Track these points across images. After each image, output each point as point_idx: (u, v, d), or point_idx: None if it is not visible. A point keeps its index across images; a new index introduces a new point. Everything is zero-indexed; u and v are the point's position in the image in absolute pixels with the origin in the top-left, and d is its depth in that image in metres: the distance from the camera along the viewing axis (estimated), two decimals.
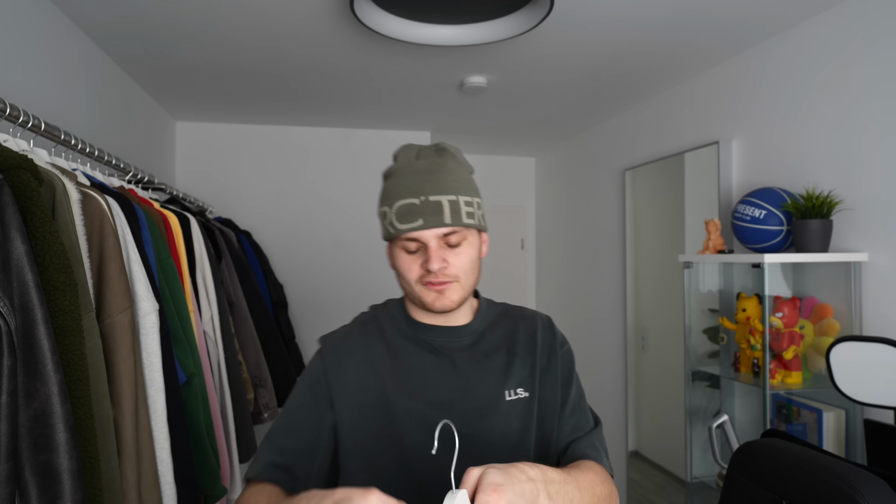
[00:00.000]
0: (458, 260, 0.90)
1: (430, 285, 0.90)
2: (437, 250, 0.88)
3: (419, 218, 0.87)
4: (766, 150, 2.19)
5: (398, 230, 0.89)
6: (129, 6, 1.84)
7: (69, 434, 0.86)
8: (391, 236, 0.91)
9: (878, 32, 1.74)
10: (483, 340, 0.98)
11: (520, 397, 0.95)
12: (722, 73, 2.42)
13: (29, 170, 0.94)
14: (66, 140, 1.38)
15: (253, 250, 2.95)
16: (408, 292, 0.94)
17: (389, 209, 0.90)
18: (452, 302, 0.91)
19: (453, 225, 0.88)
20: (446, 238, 0.89)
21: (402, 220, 0.88)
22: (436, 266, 0.87)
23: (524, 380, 0.97)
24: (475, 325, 0.99)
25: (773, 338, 1.87)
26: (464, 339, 0.97)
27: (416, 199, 0.88)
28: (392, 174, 0.92)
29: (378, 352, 0.96)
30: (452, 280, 0.91)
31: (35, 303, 0.85)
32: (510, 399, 0.95)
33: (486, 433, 0.92)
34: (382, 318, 1.00)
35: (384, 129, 3.73)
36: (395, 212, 0.89)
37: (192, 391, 1.47)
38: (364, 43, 2.18)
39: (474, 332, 0.98)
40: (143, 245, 1.32)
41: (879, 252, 1.74)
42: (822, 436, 1.78)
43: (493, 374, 0.95)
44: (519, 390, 0.96)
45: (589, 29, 2.04)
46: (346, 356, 0.95)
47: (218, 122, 3.47)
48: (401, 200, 0.88)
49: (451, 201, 0.88)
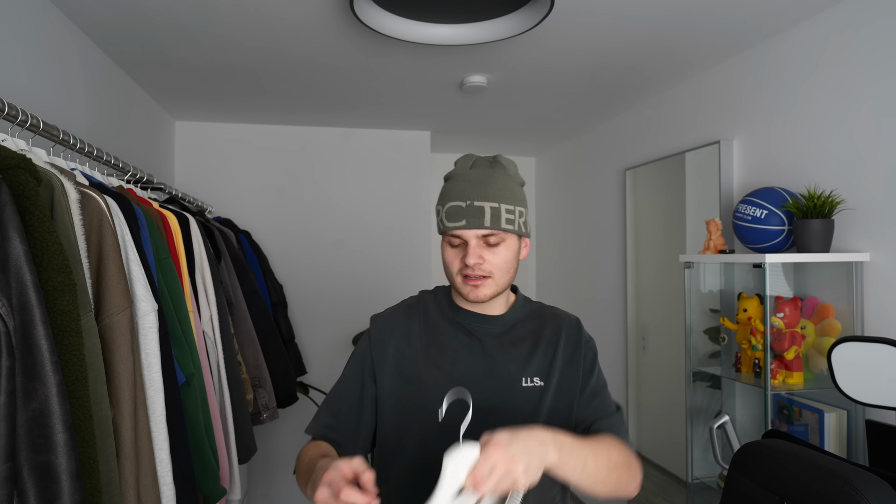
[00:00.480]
0: (495, 258, 1.04)
1: (466, 279, 1.04)
2: (475, 248, 1.02)
3: (463, 219, 1.02)
4: (767, 150, 2.18)
5: (446, 227, 1.04)
6: (129, 6, 1.84)
7: (68, 435, 0.86)
8: (441, 231, 1.07)
9: (879, 32, 1.73)
10: (513, 331, 1.11)
11: (535, 385, 1.07)
12: (723, 73, 2.42)
13: (27, 169, 0.93)
14: (65, 139, 1.38)
15: (252, 250, 2.94)
16: (450, 280, 1.08)
17: (442, 208, 1.05)
18: (485, 296, 1.04)
19: (492, 228, 1.02)
20: (486, 238, 1.03)
21: (450, 219, 1.03)
22: (472, 261, 1.01)
23: (542, 370, 1.08)
24: (508, 316, 1.12)
25: (774, 338, 1.87)
26: (496, 327, 1.11)
27: (463, 203, 1.02)
28: (449, 178, 1.07)
29: (417, 330, 1.11)
30: (487, 276, 1.03)
31: (33, 303, 0.85)
32: (526, 385, 1.07)
33: (500, 411, 1.04)
34: (428, 300, 1.16)
35: (384, 129, 3.72)
36: (445, 211, 1.04)
37: (191, 392, 1.46)
38: (364, 42, 2.17)
39: (506, 322, 1.12)
40: (142, 245, 1.32)
41: (881, 252, 1.74)
42: (823, 436, 1.77)
43: (515, 362, 1.08)
44: (535, 379, 1.07)
45: (589, 28, 2.04)
46: (389, 333, 1.11)
47: (217, 122, 3.46)
48: (451, 202, 1.03)
49: (492, 208, 1.02)
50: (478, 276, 1.03)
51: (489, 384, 1.06)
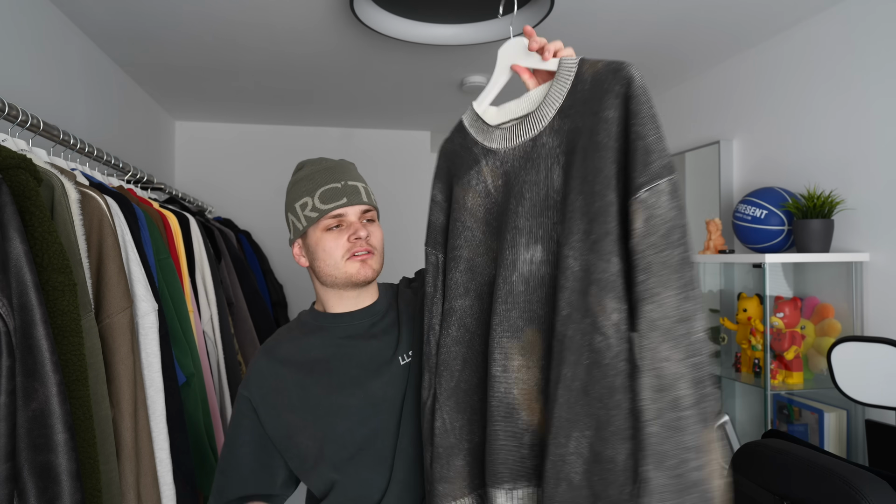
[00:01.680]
0: (376, 233, 1.06)
1: (354, 257, 1.02)
2: (360, 223, 1.03)
3: (343, 197, 1.02)
4: (766, 150, 2.18)
5: (322, 211, 1.01)
6: (128, 5, 1.84)
7: (68, 434, 0.86)
8: (313, 221, 1.02)
9: (879, 31, 1.73)
10: (386, 316, 1.11)
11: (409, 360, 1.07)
12: (723, 73, 2.42)
13: (28, 169, 0.93)
14: (65, 140, 1.38)
15: (252, 250, 2.95)
16: (329, 275, 1.04)
17: (311, 197, 1.02)
18: (374, 271, 1.04)
19: (368, 204, 1.05)
20: (365, 215, 1.05)
21: (325, 202, 1.01)
22: (364, 234, 1.02)
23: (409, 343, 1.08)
24: (380, 303, 1.12)
25: (774, 338, 1.87)
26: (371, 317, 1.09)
27: (338, 184, 1.03)
28: (303, 177, 1.05)
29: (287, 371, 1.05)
30: (373, 250, 1.04)
31: (34, 303, 0.85)
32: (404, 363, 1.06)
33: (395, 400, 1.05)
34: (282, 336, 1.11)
35: (384, 129, 3.72)
36: (319, 196, 1.02)
37: (191, 392, 1.46)
38: (364, 43, 2.17)
39: (378, 311, 1.10)
40: (142, 245, 1.32)
41: (881, 252, 1.74)
42: (823, 436, 1.77)
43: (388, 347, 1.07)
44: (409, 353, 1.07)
45: (589, 28, 2.04)
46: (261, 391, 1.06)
47: (217, 122, 3.46)
48: (324, 186, 1.02)
49: (363, 187, 1.06)
50: (365, 251, 1.02)
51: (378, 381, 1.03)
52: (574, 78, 0.86)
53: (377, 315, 1.10)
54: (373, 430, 1.01)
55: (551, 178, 0.85)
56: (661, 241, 0.73)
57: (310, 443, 1.01)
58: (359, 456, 1.00)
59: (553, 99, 0.88)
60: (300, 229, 1.05)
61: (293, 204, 1.05)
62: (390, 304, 1.13)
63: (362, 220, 1.05)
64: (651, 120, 0.76)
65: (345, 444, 1.00)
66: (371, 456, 1.01)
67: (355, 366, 1.04)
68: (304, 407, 1.02)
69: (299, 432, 1.02)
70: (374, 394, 1.02)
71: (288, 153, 3.57)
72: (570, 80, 0.86)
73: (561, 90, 0.87)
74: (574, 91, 0.85)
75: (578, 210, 0.80)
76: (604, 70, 0.83)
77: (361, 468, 1.00)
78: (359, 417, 1.01)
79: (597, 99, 0.82)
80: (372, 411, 1.02)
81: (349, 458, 1.00)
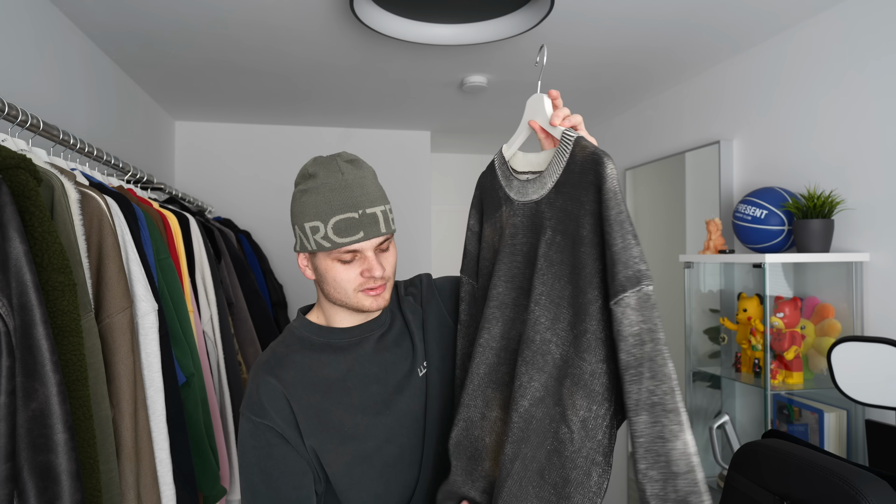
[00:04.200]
0: (389, 262, 0.99)
1: (368, 291, 0.96)
2: (375, 258, 0.95)
3: (360, 231, 0.92)
4: (767, 150, 2.18)
5: (337, 244, 0.92)
6: (129, 5, 1.84)
7: (68, 434, 0.86)
8: (325, 249, 0.93)
9: (879, 31, 1.73)
10: (392, 328, 1.07)
11: (425, 370, 1.06)
12: (723, 73, 2.42)
13: (27, 169, 0.93)
14: (65, 139, 1.38)
15: (252, 250, 2.94)
16: (339, 300, 0.98)
17: (323, 224, 0.92)
18: (387, 301, 1.00)
19: (387, 233, 0.95)
20: (380, 245, 0.96)
21: (340, 234, 0.92)
22: (379, 273, 0.94)
23: (421, 352, 1.06)
24: (383, 313, 1.07)
25: (774, 338, 1.87)
26: (379, 329, 1.06)
27: (355, 213, 0.92)
28: (315, 189, 0.93)
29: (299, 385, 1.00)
30: (387, 282, 0.99)
31: (34, 303, 0.85)
32: (422, 374, 1.05)
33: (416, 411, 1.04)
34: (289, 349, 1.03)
35: (384, 129, 3.72)
36: (332, 226, 0.92)
37: (191, 392, 1.46)
38: (364, 42, 2.17)
39: (383, 321, 1.07)
40: (142, 245, 1.32)
41: (881, 252, 1.74)
42: (823, 436, 1.77)
43: (405, 358, 1.05)
44: (424, 364, 1.06)
45: (589, 28, 2.04)
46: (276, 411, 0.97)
47: (217, 122, 3.46)
48: (339, 216, 0.92)
49: (381, 212, 0.95)
50: (381, 285, 0.96)
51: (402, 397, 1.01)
52: (569, 156, 0.87)
53: (384, 326, 1.06)
54: (400, 446, 0.99)
55: (539, 246, 0.88)
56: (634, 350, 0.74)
57: (337, 465, 0.96)
58: (386, 472, 0.98)
59: (553, 170, 0.90)
60: (308, 249, 0.96)
61: (303, 221, 0.94)
62: (393, 313, 1.09)
63: (378, 250, 0.96)
64: (619, 226, 0.77)
65: (373, 463, 0.97)
66: (398, 472, 0.99)
67: (374, 382, 1.00)
68: (328, 430, 0.96)
69: (326, 455, 0.95)
70: (399, 410, 1.00)
71: (288, 153, 3.57)
72: (566, 156, 0.88)
73: (559, 163, 0.89)
74: (569, 169, 0.87)
75: (567, 299, 0.83)
76: (589, 159, 0.83)
77: (391, 483, 0.98)
78: (387, 435, 0.98)
79: (583, 187, 0.83)
80: (399, 428, 1.00)
81: (378, 476, 0.98)
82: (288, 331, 1.05)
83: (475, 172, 4.70)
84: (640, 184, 3.01)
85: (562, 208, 0.86)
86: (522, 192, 0.94)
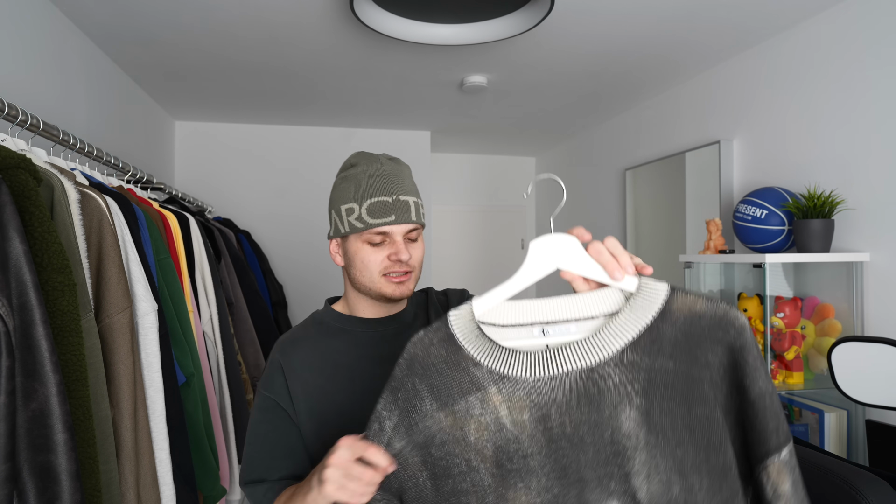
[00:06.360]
0: (417, 253, 1.02)
1: (390, 276, 0.99)
2: (402, 243, 0.99)
3: (392, 214, 0.97)
4: (767, 150, 2.18)
5: (369, 224, 0.98)
6: (129, 5, 1.84)
7: (68, 435, 0.86)
8: (357, 230, 0.99)
9: (880, 31, 1.73)
10: (413, 325, 1.08)
11: None
12: (723, 73, 2.41)
13: (27, 169, 0.93)
14: (65, 139, 1.38)
15: (252, 250, 2.94)
16: (363, 285, 1.01)
17: (358, 206, 0.98)
18: (410, 290, 1.01)
19: (417, 222, 1.00)
20: (409, 234, 1.00)
21: (373, 216, 0.97)
22: (405, 256, 0.98)
23: None
24: (407, 312, 1.09)
25: (774, 338, 1.87)
26: (398, 325, 1.07)
27: (389, 198, 0.98)
28: (355, 176, 1.01)
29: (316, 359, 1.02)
30: (411, 270, 1.01)
31: (34, 303, 0.85)
32: None
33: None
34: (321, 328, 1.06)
35: (384, 129, 3.72)
36: (366, 207, 0.98)
37: (191, 392, 1.46)
38: (364, 42, 2.17)
39: (405, 319, 1.08)
40: (141, 245, 1.32)
41: (881, 252, 1.74)
42: (823, 436, 1.77)
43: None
44: None
45: (589, 28, 2.04)
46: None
47: (217, 122, 3.46)
48: (374, 198, 0.98)
49: (414, 202, 1.01)
50: (403, 273, 0.99)
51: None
52: (661, 310, 0.71)
53: (405, 322, 1.07)
54: None
55: (618, 420, 0.70)
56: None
57: (329, 447, 0.98)
58: None
59: (624, 326, 0.71)
60: (342, 232, 1.01)
61: (339, 204, 1.01)
62: (417, 314, 1.10)
63: (406, 238, 1.00)
64: (768, 374, 0.70)
65: None
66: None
67: (380, 376, 1.00)
68: (326, 412, 0.98)
69: (321, 435, 0.98)
70: None
71: (288, 153, 3.57)
72: (655, 311, 0.71)
73: (638, 319, 0.71)
74: (659, 325, 0.71)
75: (693, 465, 0.69)
76: (706, 310, 0.71)
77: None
78: None
79: (694, 342, 0.70)
80: None
81: None
82: (311, 315, 1.10)
83: (475, 172, 4.70)
84: (640, 184, 3.01)
85: (651, 367, 0.71)
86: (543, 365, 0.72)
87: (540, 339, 0.75)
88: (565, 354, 0.71)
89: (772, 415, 0.68)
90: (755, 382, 0.68)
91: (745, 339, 0.69)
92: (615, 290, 0.74)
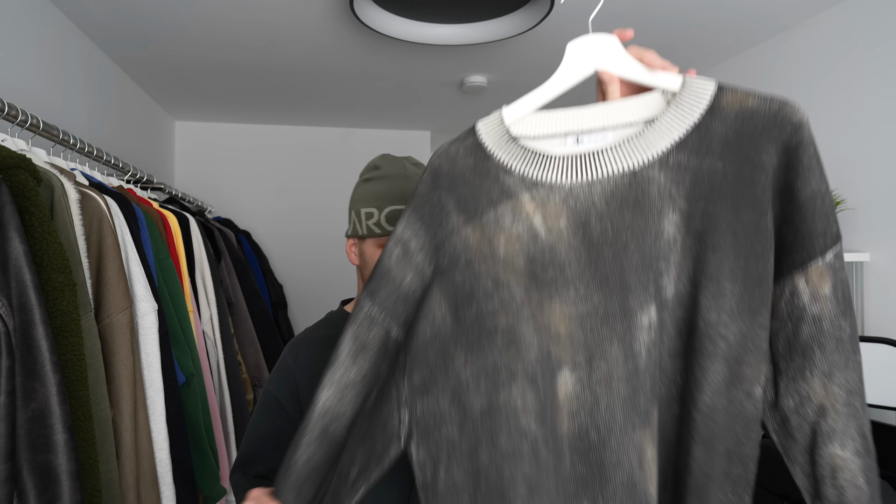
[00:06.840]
0: None
1: None
2: None
3: None
4: None
5: (387, 231, 0.99)
6: (129, 5, 1.84)
7: (68, 435, 0.86)
8: (374, 235, 1.00)
9: (880, 32, 1.73)
10: None
11: None
12: (722, 73, 2.41)
13: (27, 169, 0.93)
14: (65, 139, 1.38)
15: (252, 250, 2.95)
16: None
17: (378, 211, 1.00)
18: None
19: None
20: None
21: (392, 223, 0.98)
22: None
23: None
24: None
25: None
26: None
27: None
28: (379, 178, 1.02)
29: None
30: None
31: (33, 303, 0.85)
32: None
33: None
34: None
35: (384, 129, 3.72)
36: (385, 214, 0.99)
37: (191, 392, 1.46)
38: (364, 43, 2.17)
39: None
40: (141, 245, 1.32)
41: (881, 252, 1.74)
42: None
43: None
44: None
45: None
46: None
47: (217, 122, 3.46)
48: (393, 205, 0.99)
49: None
50: None
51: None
52: (709, 107, 0.67)
53: None
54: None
55: (661, 225, 0.66)
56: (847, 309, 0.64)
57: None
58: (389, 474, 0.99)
59: (669, 126, 0.67)
60: (359, 233, 1.03)
61: (360, 207, 1.02)
62: None
63: None
64: (823, 173, 0.65)
65: None
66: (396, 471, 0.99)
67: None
68: None
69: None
70: None
71: (288, 153, 3.57)
72: (702, 108, 0.67)
73: (684, 118, 0.67)
74: (707, 124, 0.66)
75: (728, 270, 0.65)
76: (759, 107, 0.66)
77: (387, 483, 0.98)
78: None
79: (746, 141, 0.65)
80: None
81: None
82: (325, 316, 1.11)
83: None
84: None
85: (698, 168, 0.66)
86: (581, 168, 0.67)
87: (574, 147, 0.70)
88: (606, 158, 0.67)
89: (821, 216, 0.62)
90: (807, 183, 0.63)
91: (801, 137, 0.64)
92: (656, 96, 0.69)
